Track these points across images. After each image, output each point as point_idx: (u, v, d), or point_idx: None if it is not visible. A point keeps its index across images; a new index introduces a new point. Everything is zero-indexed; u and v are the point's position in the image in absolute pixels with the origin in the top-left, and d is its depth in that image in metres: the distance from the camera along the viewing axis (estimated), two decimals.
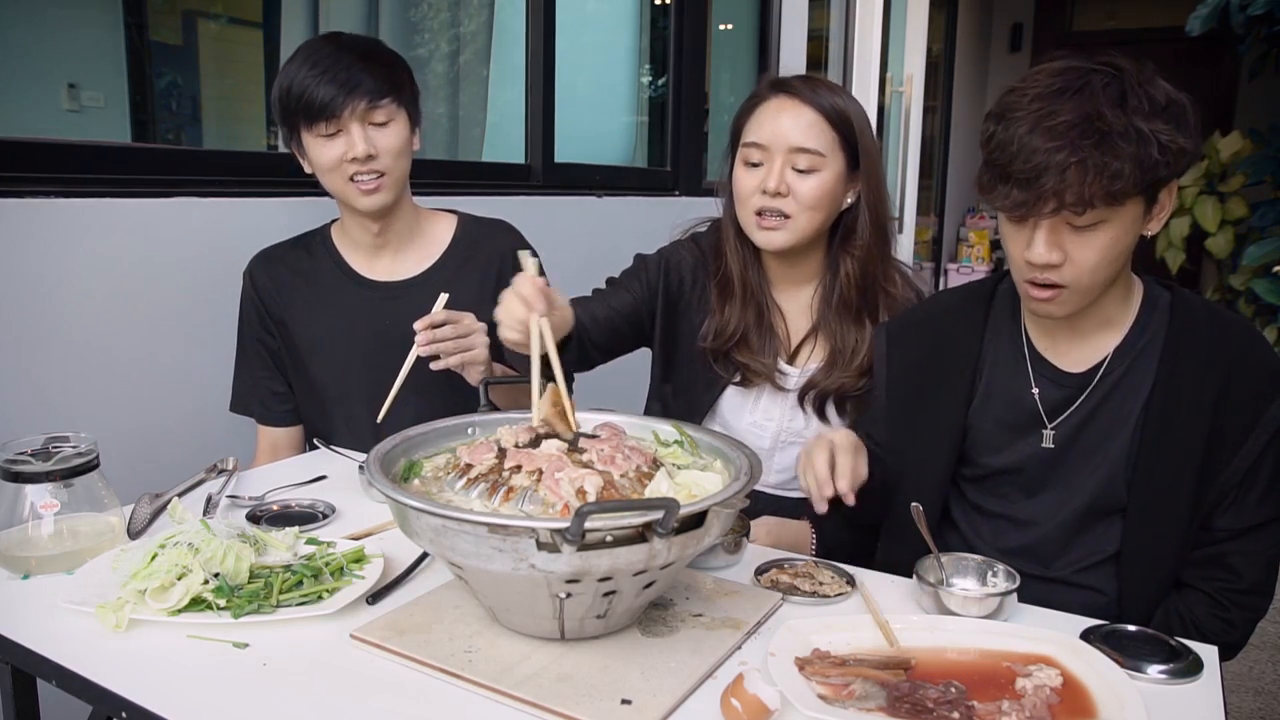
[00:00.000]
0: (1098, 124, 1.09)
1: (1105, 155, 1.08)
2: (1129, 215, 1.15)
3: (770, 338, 1.61)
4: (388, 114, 1.61)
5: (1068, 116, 1.10)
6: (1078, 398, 1.29)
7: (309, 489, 1.49)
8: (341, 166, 1.60)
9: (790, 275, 1.62)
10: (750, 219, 1.54)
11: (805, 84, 1.52)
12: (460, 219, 1.84)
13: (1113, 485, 1.27)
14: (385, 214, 1.70)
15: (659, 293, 1.65)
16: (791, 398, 1.62)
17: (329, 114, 1.56)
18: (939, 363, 1.41)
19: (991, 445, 1.36)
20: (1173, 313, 1.28)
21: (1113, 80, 1.13)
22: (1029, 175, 1.11)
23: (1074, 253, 1.16)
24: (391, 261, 1.76)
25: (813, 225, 1.52)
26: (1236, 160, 5.28)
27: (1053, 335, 1.32)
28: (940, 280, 7.34)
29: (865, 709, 0.89)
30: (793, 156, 1.49)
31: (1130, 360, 1.28)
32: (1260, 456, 1.21)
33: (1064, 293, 1.19)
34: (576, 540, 0.84)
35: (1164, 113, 1.12)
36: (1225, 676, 0.99)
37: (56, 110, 3.04)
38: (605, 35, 3.48)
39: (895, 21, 5.54)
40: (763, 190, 1.50)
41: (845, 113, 1.51)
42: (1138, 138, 1.09)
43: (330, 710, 0.89)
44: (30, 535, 1.15)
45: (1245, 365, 1.23)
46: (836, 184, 1.52)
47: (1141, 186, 1.11)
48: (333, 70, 1.56)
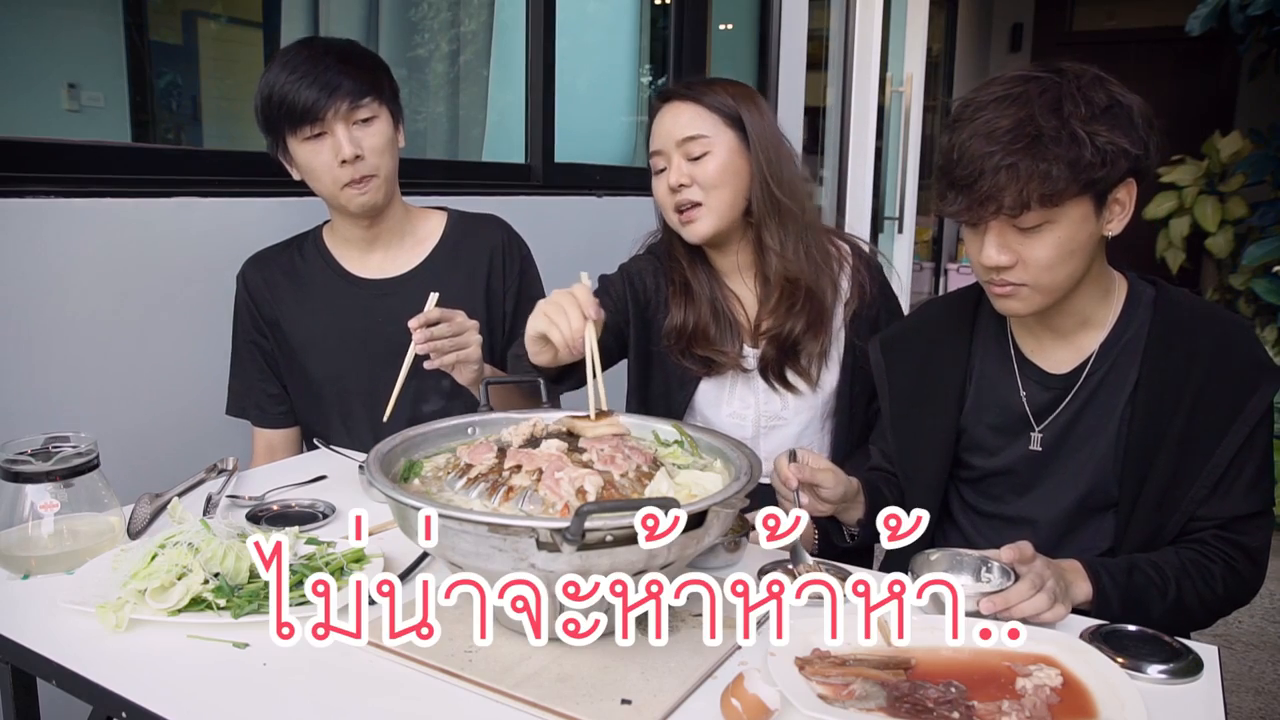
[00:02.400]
0: (1028, 128, 1.14)
1: (1036, 159, 1.13)
2: (1075, 215, 1.17)
3: (730, 327, 1.65)
4: (370, 112, 1.62)
5: (1004, 123, 1.15)
6: (1064, 398, 1.31)
7: (309, 489, 1.49)
8: (331, 171, 1.61)
9: (732, 263, 1.67)
10: (674, 218, 1.60)
11: (686, 86, 1.60)
12: (449, 215, 1.85)
13: (1102, 481, 1.29)
14: (376, 213, 1.70)
15: (628, 304, 1.69)
16: (761, 380, 1.65)
17: (312, 117, 1.57)
18: (930, 370, 1.44)
19: (984, 448, 1.38)
20: (1156, 308, 1.30)
21: (1051, 86, 1.16)
22: (968, 181, 1.17)
23: (1024, 253, 1.19)
24: (382, 259, 1.77)
25: (725, 203, 1.57)
26: (1236, 160, 5.28)
27: (1037, 337, 1.34)
28: (940, 280, 7.34)
29: (865, 709, 0.89)
30: (684, 147, 1.55)
31: (1114, 357, 1.29)
32: (1244, 446, 1.21)
33: (1023, 290, 1.22)
34: (576, 540, 0.84)
35: (1103, 115, 1.15)
36: (1225, 676, 0.99)
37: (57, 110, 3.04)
38: (605, 35, 3.48)
39: (895, 21, 5.54)
40: (671, 190, 1.57)
41: (722, 95, 1.57)
42: (1070, 139, 1.13)
43: (330, 710, 0.89)
44: (30, 535, 1.15)
45: (1229, 357, 1.24)
46: (734, 158, 1.56)
47: (1079, 187, 1.14)
48: (312, 74, 1.57)
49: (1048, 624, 1.06)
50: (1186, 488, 1.22)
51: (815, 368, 1.64)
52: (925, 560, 1.15)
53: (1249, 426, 1.21)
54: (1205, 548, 1.23)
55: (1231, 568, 1.22)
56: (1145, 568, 1.20)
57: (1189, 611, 1.20)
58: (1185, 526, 1.24)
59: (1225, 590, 1.22)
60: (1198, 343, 1.25)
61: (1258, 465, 1.23)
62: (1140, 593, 1.18)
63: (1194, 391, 1.23)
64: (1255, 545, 1.24)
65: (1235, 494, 1.22)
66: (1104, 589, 1.16)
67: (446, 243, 1.80)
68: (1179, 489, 1.23)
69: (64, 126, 3.09)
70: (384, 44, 3.12)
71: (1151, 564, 1.21)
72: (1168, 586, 1.19)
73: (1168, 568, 1.21)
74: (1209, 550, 1.23)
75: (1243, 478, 1.22)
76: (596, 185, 3.05)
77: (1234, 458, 1.21)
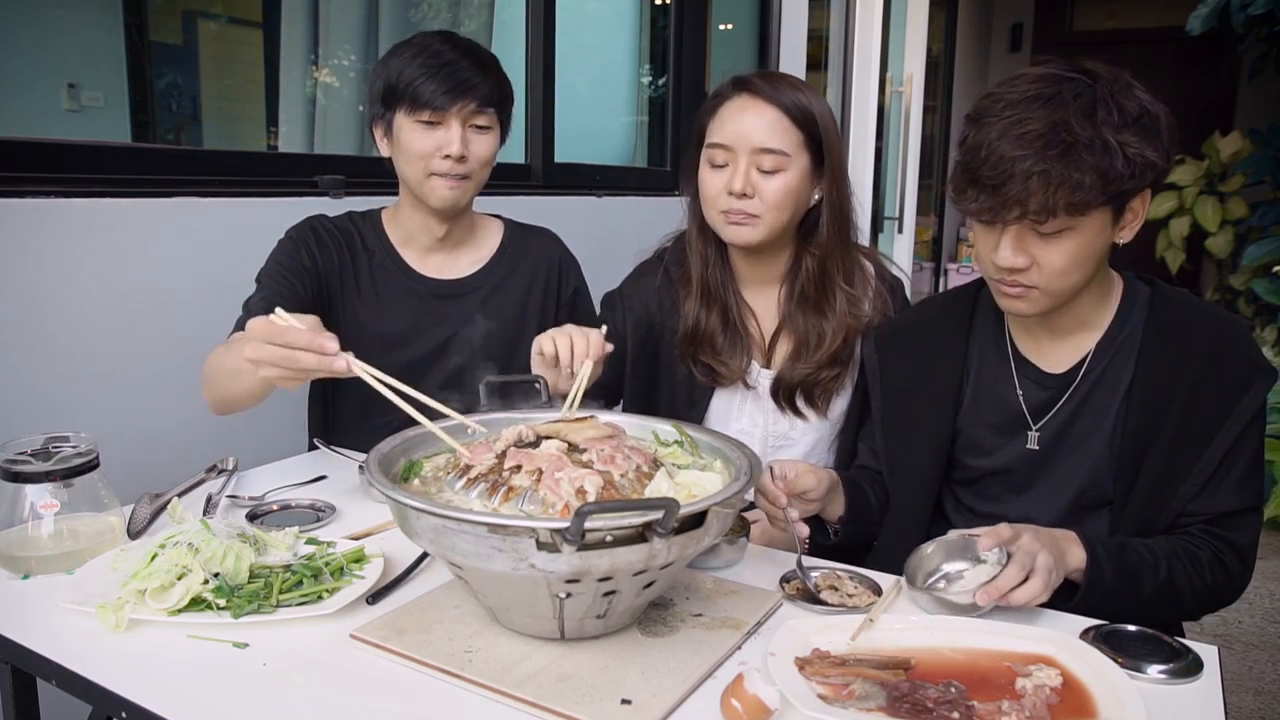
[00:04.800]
0: (1064, 135, 1.11)
1: (1068, 167, 1.10)
2: (1095, 224, 1.17)
3: (741, 339, 1.61)
4: (488, 121, 1.63)
5: (1036, 126, 1.12)
6: (1060, 398, 1.31)
7: (309, 489, 1.49)
8: (428, 157, 1.60)
9: (759, 274, 1.63)
10: (718, 218, 1.53)
11: (767, 81, 1.51)
12: (506, 225, 1.85)
13: (1098, 479, 1.29)
14: (454, 214, 1.70)
15: (627, 332, 1.66)
16: (770, 400, 1.62)
17: (436, 106, 1.56)
18: (927, 369, 1.43)
19: (981, 448, 1.38)
20: (1152, 307, 1.30)
21: (1085, 90, 1.14)
22: (995, 182, 1.14)
23: (1040, 257, 1.18)
24: (442, 261, 1.76)
25: (780, 223, 1.52)
26: (1236, 160, 5.29)
27: (1035, 337, 1.34)
28: (940, 280, 7.34)
29: (865, 709, 0.89)
30: (757, 157, 1.48)
31: (1110, 356, 1.29)
32: (1235, 444, 1.21)
33: (1033, 292, 1.22)
34: (576, 540, 0.84)
35: (1134, 124, 1.13)
36: (1225, 676, 0.99)
37: (57, 110, 3.04)
38: (605, 35, 3.48)
39: (895, 21, 5.54)
40: (729, 192, 1.49)
41: (809, 110, 1.50)
42: (1103, 149, 1.11)
43: (330, 710, 0.89)
44: (30, 535, 1.15)
45: (1223, 355, 1.24)
46: (802, 183, 1.51)
47: (1105, 197, 1.13)
48: (448, 68, 1.57)
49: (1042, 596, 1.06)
50: (1178, 484, 1.23)
51: (830, 398, 1.61)
52: (921, 558, 1.15)
53: (1241, 425, 1.21)
54: (1193, 539, 1.23)
55: (1219, 560, 1.22)
56: (1137, 546, 1.20)
57: (1178, 594, 1.20)
58: (1175, 522, 1.24)
59: (1212, 580, 1.22)
60: (1192, 342, 1.25)
61: (1248, 463, 1.23)
62: (1133, 567, 1.18)
63: (1188, 390, 1.23)
64: (1243, 542, 1.24)
65: (1225, 491, 1.22)
66: (1098, 558, 1.16)
67: (506, 252, 1.80)
68: (1170, 485, 1.23)
69: (64, 126, 3.09)
70: (384, 44, 3.12)
71: (1143, 544, 1.21)
72: (1159, 565, 1.19)
73: (1159, 548, 1.21)
74: (1197, 541, 1.23)
75: (1232, 475, 1.22)
76: (596, 185, 3.05)
77: (1225, 455, 1.21)
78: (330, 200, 2.14)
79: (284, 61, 3.21)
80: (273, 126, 3.40)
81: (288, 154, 3.06)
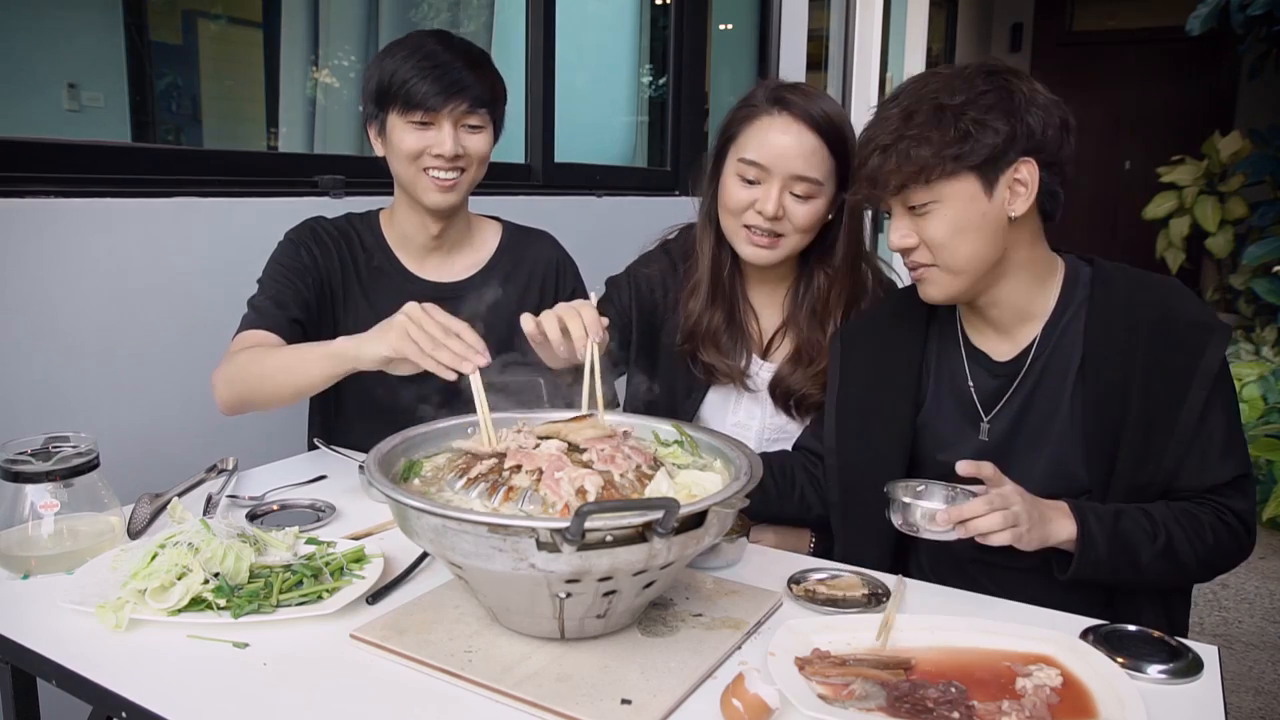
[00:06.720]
0: (905, 114, 1.20)
1: (909, 142, 1.19)
2: (961, 194, 1.21)
3: (741, 338, 1.62)
4: (481, 121, 1.62)
5: (893, 112, 1.22)
6: (1009, 386, 1.31)
7: (309, 489, 1.49)
8: (422, 157, 1.60)
9: (766, 275, 1.64)
10: (739, 231, 1.53)
11: (804, 99, 1.49)
12: (505, 226, 1.85)
13: (1065, 468, 1.27)
14: (448, 215, 1.70)
15: (632, 311, 1.67)
16: (768, 394, 1.63)
17: (427, 107, 1.57)
18: (888, 364, 1.43)
19: (940, 441, 1.37)
20: (1092, 286, 1.30)
21: (932, 77, 1.23)
22: (859, 166, 1.27)
23: (922, 233, 1.24)
24: (439, 262, 1.76)
25: (801, 246, 1.54)
26: (1236, 160, 5.29)
27: (980, 326, 1.36)
28: None
29: (865, 709, 0.89)
30: (791, 183, 1.48)
31: (1056, 339, 1.29)
32: (1206, 409, 1.20)
33: (933, 271, 1.26)
34: (576, 540, 0.84)
35: (979, 98, 1.19)
36: (1225, 676, 0.99)
37: (57, 110, 3.04)
38: (605, 35, 3.48)
39: (895, 21, 5.54)
40: (758, 211, 1.49)
41: (845, 138, 1.50)
42: (936, 120, 1.18)
43: (330, 710, 0.89)
44: (30, 535, 1.15)
45: (1168, 322, 1.23)
46: (829, 206, 1.53)
47: (951, 164, 1.19)
48: (441, 69, 1.57)
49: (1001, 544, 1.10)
50: (1159, 459, 1.21)
51: (812, 411, 1.61)
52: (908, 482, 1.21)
53: (1206, 389, 1.20)
54: (1191, 504, 1.22)
55: (1221, 519, 1.22)
56: (1133, 513, 1.20)
57: (1181, 560, 1.19)
58: (1166, 498, 1.23)
59: (1215, 540, 1.21)
60: (1136, 313, 1.25)
61: (1226, 429, 1.22)
62: (1128, 537, 1.17)
63: (1143, 364, 1.22)
64: (1241, 508, 1.23)
65: (1210, 462, 1.21)
66: (1089, 530, 1.16)
67: (503, 254, 1.80)
68: (1151, 462, 1.22)
69: (64, 126, 3.10)
70: (384, 44, 3.12)
71: (1141, 510, 1.20)
72: (1157, 531, 1.19)
73: (1157, 514, 1.20)
74: (1197, 505, 1.22)
75: (1215, 444, 1.21)
76: (596, 185, 3.05)
77: (1200, 423, 1.20)
78: (330, 200, 2.14)
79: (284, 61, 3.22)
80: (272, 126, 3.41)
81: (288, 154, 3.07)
